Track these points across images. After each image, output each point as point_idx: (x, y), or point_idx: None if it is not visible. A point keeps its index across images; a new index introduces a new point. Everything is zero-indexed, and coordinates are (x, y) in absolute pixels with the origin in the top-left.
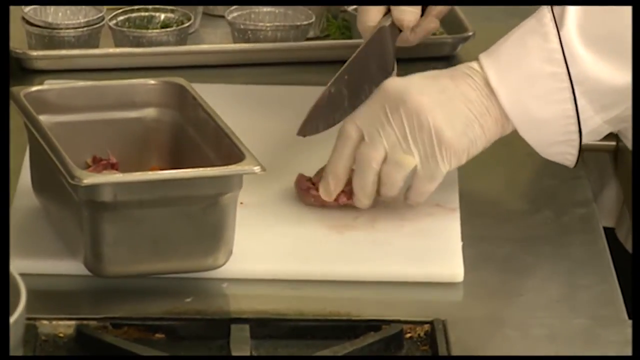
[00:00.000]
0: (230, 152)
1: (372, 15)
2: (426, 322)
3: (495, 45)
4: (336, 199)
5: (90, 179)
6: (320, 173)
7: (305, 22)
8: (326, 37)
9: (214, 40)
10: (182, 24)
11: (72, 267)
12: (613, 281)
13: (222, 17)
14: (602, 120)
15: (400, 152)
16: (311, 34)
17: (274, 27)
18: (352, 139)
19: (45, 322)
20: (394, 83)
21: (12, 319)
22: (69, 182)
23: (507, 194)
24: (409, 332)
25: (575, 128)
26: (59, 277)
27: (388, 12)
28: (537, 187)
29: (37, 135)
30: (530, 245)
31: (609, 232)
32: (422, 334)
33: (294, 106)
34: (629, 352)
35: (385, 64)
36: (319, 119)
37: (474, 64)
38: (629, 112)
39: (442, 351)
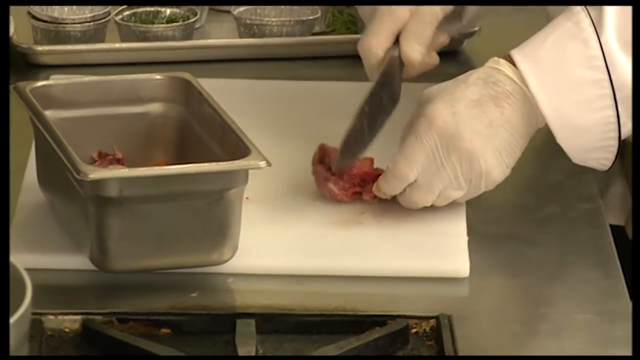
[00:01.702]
0: (236, 147)
1: (382, 44)
2: (432, 317)
3: (530, 45)
4: (352, 195)
5: (96, 174)
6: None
7: (311, 17)
8: (332, 32)
9: (220, 35)
10: (188, 19)
11: (78, 262)
12: (619, 276)
13: (228, 12)
14: (631, 126)
15: (451, 190)
16: (317, 29)
17: (280, 22)
18: (409, 181)
19: (51, 317)
20: (444, 122)
21: (17, 314)
22: (75, 177)
23: (513, 189)
24: (415, 327)
25: (615, 134)
26: (65, 272)
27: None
28: (543, 182)
29: (43, 131)
30: (536, 241)
31: (619, 230)
32: (427, 329)
33: (300, 101)
34: None
35: (393, 93)
36: (349, 153)
37: (510, 71)
38: None
39: (448, 346)
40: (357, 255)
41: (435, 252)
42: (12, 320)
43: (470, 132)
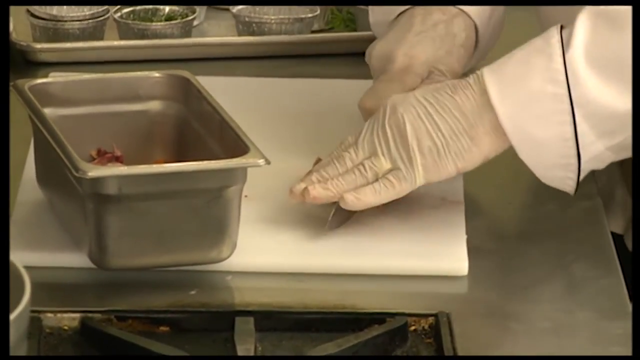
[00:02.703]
0: (235, 145)
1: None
2: (431, 315)
3: (500, 60)
4: None
5: (94, 171)
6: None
7: (310, 15)
8: (331, 29)
9: (219, 33)
10: (187, 16)
11: (76, 259)
12: (617, 274)
13: (227, 10)
14: (604, 146)
15: (381, 154)
16: (316, 26)
17: (279, 20)
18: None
19: (49, 314)
20: (392, 97)
21: (16, 312)
22: (74, 175)
23: (512, 187)
24: (414, 325)
25: (574, 152)
26: (64, 269)
27: None
28: (541, 181)
29: (41, 128)
30: (535, 238)
31: (619, 239)
32: (426, 327)
33: (300, 99)
34: None
35: None
36: (342, 212)
37: (477, 77)
38: (630, 140)
39: (447, 344)
40: (356, 253)
41: (434, 250)
42: (10, 318)
43: (410, 103)
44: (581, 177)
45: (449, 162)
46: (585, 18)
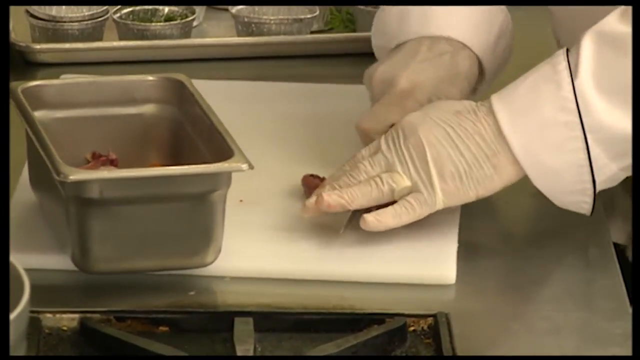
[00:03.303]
0: (221, 149)
1: (381, 131)
2: (430, 316)
3: (508, 88)
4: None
5: (76, 175)
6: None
7: (309, 16)
8: (330, 30)
9: (218, 34)
10: (186, 17)
11: (69, 262)
12: (617, 274)
13: (226, 10)
14: (617, 168)
15: (399, 171)
16: (315, 27)
17: (278, 21)
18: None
19: (48, 315)
20: (410, 117)
21: (15, 313)
22: (56, 178)
23: (512, 187)
24: (413, 325)
25: (589, 177)
26: (63, 270)
27: None
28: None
29: (28, 130)
30: (535, 239)
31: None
32: (425, 327)
33: (297, 104)
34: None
35: None
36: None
37: (487, 106)
38: None
39: (446, 345)
40: (348, 260)
41: (423, 259)
42: (10, 318)
43: (431, 126)
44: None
45: (470, 188)
46: (589, 42)
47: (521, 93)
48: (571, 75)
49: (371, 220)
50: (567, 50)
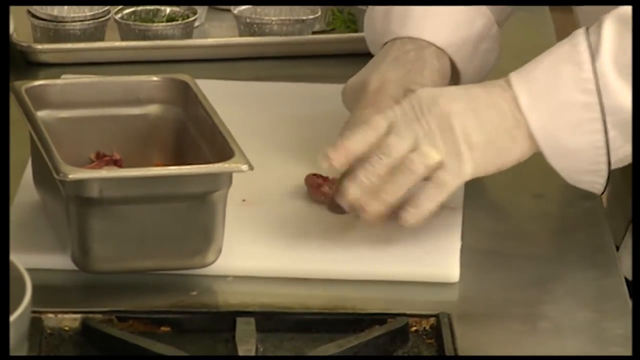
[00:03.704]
0: (223, 149)
1: (358, 152)
2: (432, 316)
3: (528, 66)
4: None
5: (75, 174)
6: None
7: (311, 16)
8: (332, 30)
9: (220, 34)
10: (188, 17)
11: (70, 262)
12: (618, 274)
13: (228, 10)
14: (631, 149)
15: (427, 145)
16: (317, 27)
17: (280, 21)
18: (380, 129)
19: (50, 315)
20: (426, 90)
21: (17, 313)
22: (56, 177)
23: (513, 186)
24: (415, 326)
25: (605, 159)
26: (64, 270)
27: None
28: (542, 180)
29: (30, 129)
30: (536, 239)
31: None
32: (427, 328)
33: (300, 104)
34: None
35: None
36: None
37: (506, 82)
38: None
39: (448, 345)
40: (351, 258)
41: (426, 257)
42: (11, 318)
43: (451, 97)
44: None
45: (494, 158)
46: (611, 23)
47: (541, 73)
48: (592, 57)
49: (408, 216)
50: (587, 30)
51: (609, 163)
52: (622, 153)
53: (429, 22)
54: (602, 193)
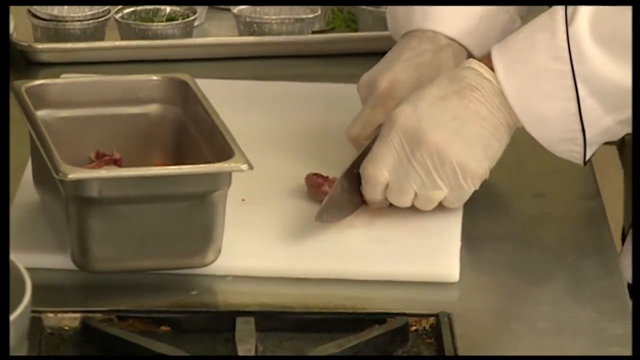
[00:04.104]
0: (222, 149)
1: (369, 135)
2: (432, 315)
3: (509, 37)
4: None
5: (75, 174)
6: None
7: (310, 15)
8: (332, 30)
9: (220, 33)
10: (188, 16)
11: (69, 262)
12: (618, 274)
13: (228, 10)
14: (613, 121)
15: (428, 190)
16: (317, 26)
17: (280, 20)
18: (382, 184)
19: (50, 314)
20: (406, 118)
21: (17, 312)
22: (55, 177)
23: (513, 186)
24: (415, 325)
25: (579, 126)
26: (64, 270)
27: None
28: (542, 180)
29: (30, 129)
30: (536, 239)
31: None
32: (427, 327)
33: (300, 103)
34: None
35: None
36: (334, 209)
37: (478, 67)
38: None
39: (448, 344)
40: (351, 258)
41: (426, 257)
42: (11, 318)
43: (433, 126)
44: (591, 150)
45: (487, 170)
46: None
47: (518, 41)
48: (567, 24)
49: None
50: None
51: (584, 131)
52: (604, 124)
53: (451, 16)
54: (585, 164)
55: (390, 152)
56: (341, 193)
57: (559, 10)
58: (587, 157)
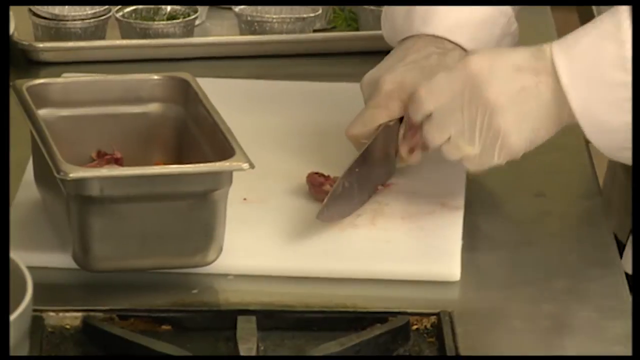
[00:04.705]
0: (223, 148)
1: (370, 135)
2: (433, 314)
3: (569, 40)
4: None
5: (76, 173)
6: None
7: (312, 14)
8: (333, 28)
9: (221, 32)
10: (189, 15)
11: (70, 261)
12: (619, 273)
13: (229, 9)
14: None
15: (463, 140)
16: (318, 25)
17: (281, 19)
18: (426, 111)
19: (51, 313)
20: (479, 69)
21: (18, 311)
22: (56, 176)
23: (513, 186)
24: (416, 324)
25: None
26: (65, 269)
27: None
28: (543, 180)
29: (31, 128)
30: (537, 238)
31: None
32: (428, 326)
33: (301, 102)
34: None
35: (388, 160)
36: (336, 208)
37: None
38: None
39: (449, 343)
40: (352, 257)
41: (427, 256)
42: (12, 317)
43: (500, 87)
44: None
45: (521, 152)
46: None
47: (583, 49)
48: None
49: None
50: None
51: None
52: None
53: (452, 21)
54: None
55: (449, 89)
56: (342, 192)
57: (625, 18)
58: None
